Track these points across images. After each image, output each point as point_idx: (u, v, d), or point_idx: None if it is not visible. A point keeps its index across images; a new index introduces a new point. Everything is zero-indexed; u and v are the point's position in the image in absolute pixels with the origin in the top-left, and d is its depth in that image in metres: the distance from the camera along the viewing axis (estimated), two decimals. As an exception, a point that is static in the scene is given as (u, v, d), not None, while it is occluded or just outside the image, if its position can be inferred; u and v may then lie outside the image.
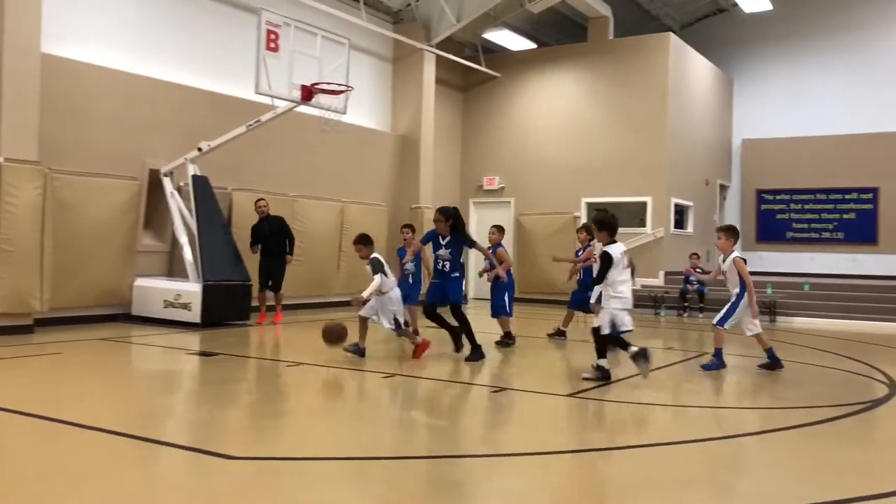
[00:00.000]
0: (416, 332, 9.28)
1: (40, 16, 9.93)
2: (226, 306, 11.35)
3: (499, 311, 10.09)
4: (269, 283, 12.05)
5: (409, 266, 9.90)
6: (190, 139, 11.75)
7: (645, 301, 16.55)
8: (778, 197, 20.64)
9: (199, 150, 11.59)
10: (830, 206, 19.93)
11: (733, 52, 21.12)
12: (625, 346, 7.32)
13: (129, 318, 11.43)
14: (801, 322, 14.98)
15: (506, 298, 10.00)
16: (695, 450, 5.19)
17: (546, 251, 17.98)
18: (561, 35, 20.17)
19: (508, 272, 10.05)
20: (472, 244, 8.98)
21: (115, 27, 11.66)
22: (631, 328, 7.49)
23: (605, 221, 7.52)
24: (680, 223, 18.38)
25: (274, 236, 11.97)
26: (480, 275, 10.80)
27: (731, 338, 9.01)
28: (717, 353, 8.39)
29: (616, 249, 7.39)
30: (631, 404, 6.64)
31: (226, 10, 13.37)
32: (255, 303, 11.98)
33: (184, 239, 11.60)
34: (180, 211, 11.73)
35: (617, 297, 7.35)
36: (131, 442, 4.91)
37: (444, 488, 4.24)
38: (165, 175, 11.79)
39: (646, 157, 17.37)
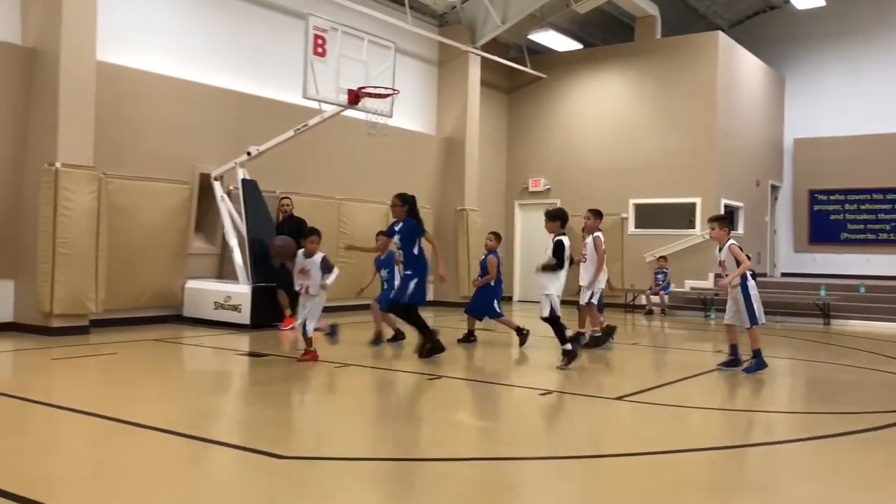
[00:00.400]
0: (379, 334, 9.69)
1: (95, 25, 10.19)
2: (275, 308, 11.49)
3: (481, 311, 10.29)
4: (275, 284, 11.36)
5: (384, 274, 9.92)
6: (239, 144, 11.94)
7: (694, 303, 16.31)
8: (832, 197, 20.13)
9: (249, 154, 11.76)
10: (888, 206, 19.37)
11: (785, 50, 20.67)
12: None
13: (180, 320, 11.65)
14: (856, 325, 14.58)
15: (495, 302, 10.22)
16: (751, 454, 5.08)
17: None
18: (607, 35, 20.00)
19: (498, 276, 10.34)
20: (423, 232, 8.99)
21: (166, 35, 11.90)
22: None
23: (558, 213, 8.60)
24: (730, 224, 18.02)
25: (294, 236, 11.55)
26: (474, 283, 10.66)
27: (776, 339, 8.80)
28: (757, 354, 8.24)
29: (566, 240, 8.40)
30: (680, 408, 6.53)
31: (274, 15, 13.55)
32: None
33: (233, 242, 11.78)
34: (230, 214, 11.91)
35: (560, 284, 8.27)
36: (184, 441, 5.00)
37: (495, 491, 4.22)
38: (216, 179, 12.00)
39: (695, 157, 17.10)
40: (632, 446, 5.32)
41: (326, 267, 8.31)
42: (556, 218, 8.55)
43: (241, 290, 11.33)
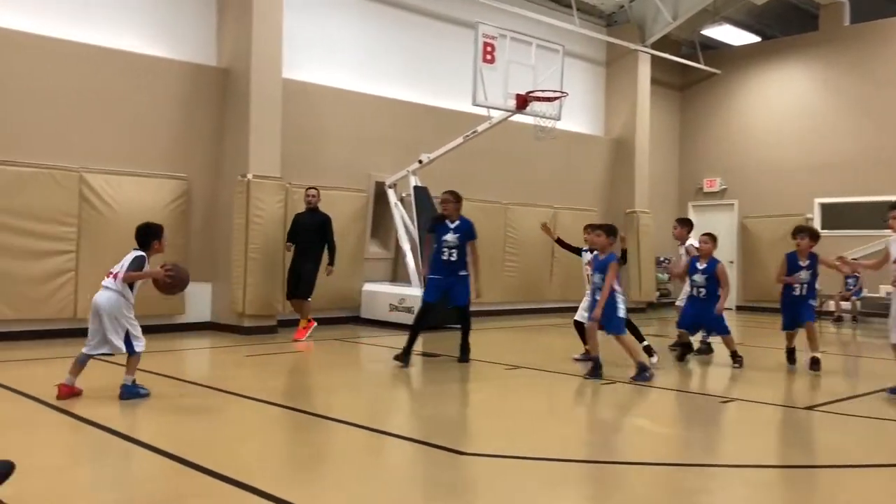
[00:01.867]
0: None
1: (281, 45, 10.93)
2: (446, 311, 11.72)
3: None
4: (294, 286, 10.39)
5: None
6: (411, 152, 12.35)
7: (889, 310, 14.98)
8: None
9: (420, 162, 12.14)
10: None
11: None
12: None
13: (358, 321, 12.19)
14: None
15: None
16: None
17: (774, 256, 16.85)
18: (787, 26, 18.82)
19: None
20: (473, 237, 8.33)
21: (344, 51, 12.54)
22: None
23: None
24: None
25: (311, 232, 10.34)
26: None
27: None
28: None
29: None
30: (875, 419, 6.04)
31: (443, 26, 13.91)
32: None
33: (406, 246, 12.19)
34: (403, 220, 12.34)
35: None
36: (367, 433, 5.24)
37: (678, 496, 4.10)
38: (389, 187, 12.48)
39: (890, 152, 15.73)
40: (817, 458, 4.98)
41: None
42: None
43: (414, 293, 11.68)
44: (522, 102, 10.98)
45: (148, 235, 6.31)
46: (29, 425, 5.28)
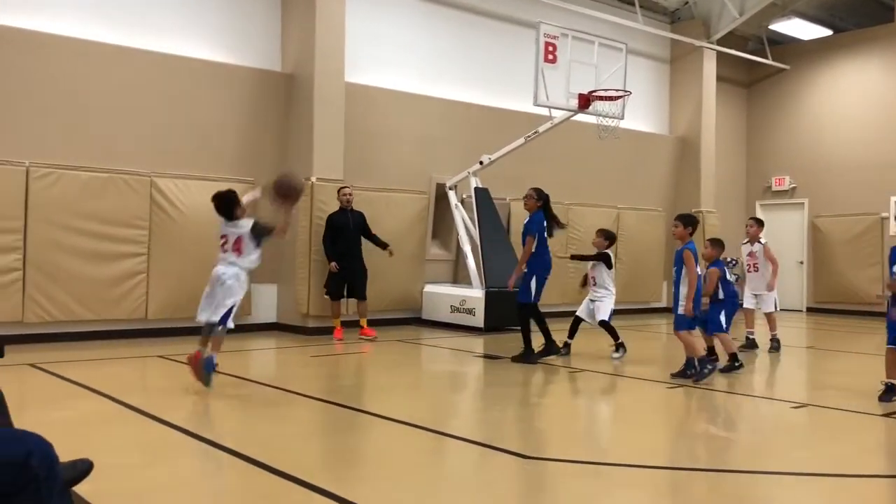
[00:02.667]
0: None
1: (343, 50, 11.06)
2: (507, 312, 11.71)
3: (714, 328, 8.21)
4: (347, 289, 10.47)
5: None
6: (472, 153, 12.34)
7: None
8: None
9: (481, 163, 12.12)
10: None
11: None
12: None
13: (419, 322, 12.25)
14: None
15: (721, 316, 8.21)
16: None
17: (846, 256, 16.34)
18: (861, 18, 18.19)
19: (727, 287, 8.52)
20: (535, 232, 8.54)
21: (404, 53, 12.62)
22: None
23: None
24: None
25: (358, 232, 10.53)
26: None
27: None
28: None
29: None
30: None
31: (503, 27, 13.88)
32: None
33: (467, 248, 12.19)
34: (464, 221, 12.35)
35: None
36: (429, 435, 5.26)
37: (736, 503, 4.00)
38: (450, 188, 12.50)
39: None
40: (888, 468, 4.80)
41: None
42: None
43: (475, 295, 11.69)
44: (585, 102, 10.86)
45: (232, 203, 6.52)
46: (104, 424, 5.46)
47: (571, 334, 9.15)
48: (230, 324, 6.51)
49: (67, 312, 9.32)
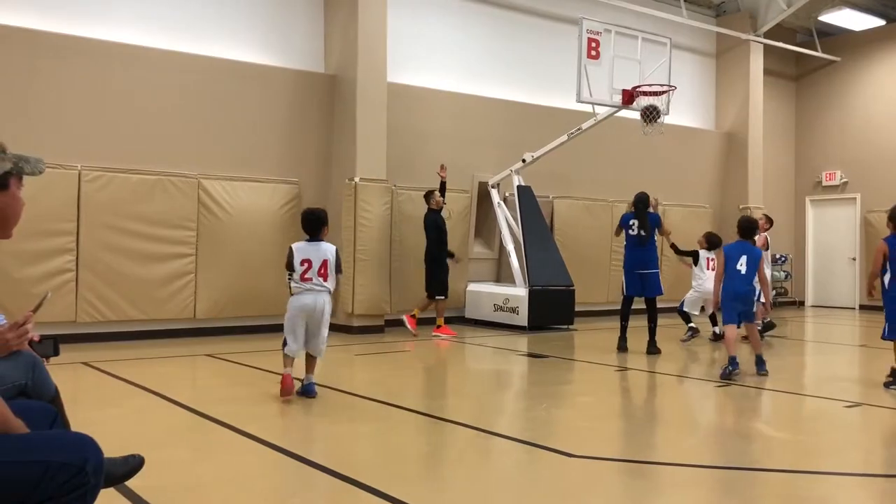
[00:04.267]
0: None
1: (386, 51, 11.11)
2: (551, 310, 11.66)
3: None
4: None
5: None
6: (514, 151, 12.30)
7: None
8: None
9: (524, 161, 12.07)
10: None
11: None
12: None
13: (463, 321, 12.24)
14: None
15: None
16: None
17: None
18: (915, 6, 17.67)
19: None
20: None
21: (445, 52, 12.64)
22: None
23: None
24: None
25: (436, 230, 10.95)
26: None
27: None
28: None
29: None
30: None
31: (545, 24, 13.80)
32: (399, 313, 11.26)
33: (510, 246, 12.15)
34: (507, 220, 12.31)
35: None
36: (474, 433, 5.24)
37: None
38: (493, 187, 12.47)
39: None
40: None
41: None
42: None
43: (518, 293, 11.64)
44: (628, 97, 10.74)
45: (322, 222, 6.27)
46: (155, 420, 5.56)
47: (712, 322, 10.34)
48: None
49: (118, 312, 9.54)
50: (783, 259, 17.42)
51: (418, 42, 12.33)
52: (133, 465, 2.97)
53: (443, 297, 10.87)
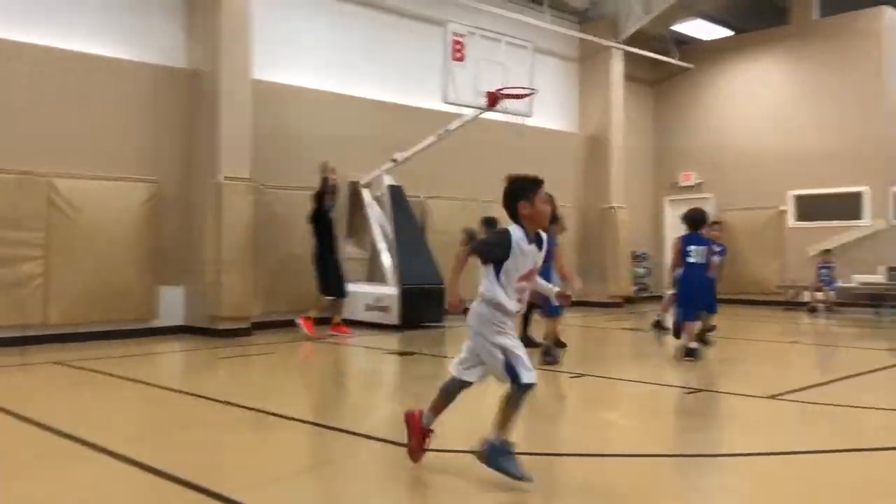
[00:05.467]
0: None
1: (250, 47, 10.88)
2: (422, 308, 11.76)
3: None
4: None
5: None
6: (385, 151, 12.32)
7: (863, 299, 15.18)
8: None
9: (394, 161, 12.12)
10: None
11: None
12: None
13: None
14: None
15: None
16: (920, 458, 4.69)
17: (751, 248, 16.97)
18: (759, 19, 18.98)
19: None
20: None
21: (313, 50, 12.49)
22: None
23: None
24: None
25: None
26: None
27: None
28: None
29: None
30: (837, 406, 6.12)
31: (413, 25, 13.90)
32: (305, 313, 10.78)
33: (382, 246, 12.18)
34: (378, 219, 12.32)
35: None
36: (326, 432, 5.23)
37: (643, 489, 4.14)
38: (364, 186, 12.46)
39: (860, 143, 15.89)
40: (776, 445, 5.04)
41: None
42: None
43: (390, 292, 11.69)
44: (493, 100, 10.99)
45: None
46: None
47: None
48: None
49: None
50: (644, 256, 18.31)
51: (286, 39, 12.13)
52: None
53: (333, 297, 10.68)
